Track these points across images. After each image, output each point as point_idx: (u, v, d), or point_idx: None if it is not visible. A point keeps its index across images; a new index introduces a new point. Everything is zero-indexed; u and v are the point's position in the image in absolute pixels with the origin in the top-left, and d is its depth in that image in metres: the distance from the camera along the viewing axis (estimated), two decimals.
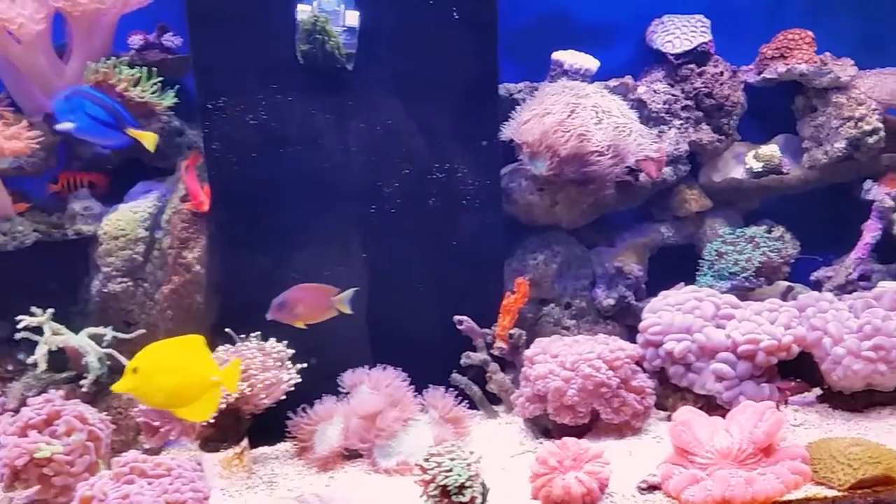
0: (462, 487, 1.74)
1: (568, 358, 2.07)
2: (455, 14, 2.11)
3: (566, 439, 1.90)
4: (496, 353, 2.28)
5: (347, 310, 2.08)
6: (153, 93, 2.17)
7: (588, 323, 2.45)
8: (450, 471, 1.75)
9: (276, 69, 2.09)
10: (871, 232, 2.53)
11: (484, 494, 1.78)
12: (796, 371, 2.16)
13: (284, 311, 2.04)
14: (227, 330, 2.11)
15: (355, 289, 2.09)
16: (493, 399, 2.34)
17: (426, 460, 1.78)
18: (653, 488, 1.86)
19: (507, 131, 2.26)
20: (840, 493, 1.75)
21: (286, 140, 2.14)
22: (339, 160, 2.17)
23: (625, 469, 1.92)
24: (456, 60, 2.19)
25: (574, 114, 2.12)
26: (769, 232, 2.55)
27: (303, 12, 2.01)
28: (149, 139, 2.06)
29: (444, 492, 1.74)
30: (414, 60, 2.16)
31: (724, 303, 2.16)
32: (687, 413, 1.94)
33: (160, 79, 2.21)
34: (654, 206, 2.65)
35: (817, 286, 2.59)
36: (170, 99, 2.20)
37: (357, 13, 2.04)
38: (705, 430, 1.87)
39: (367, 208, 2.21)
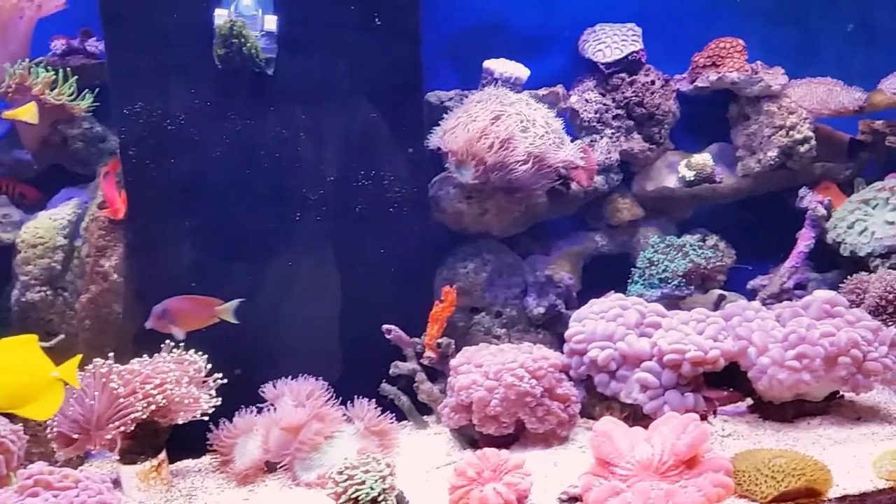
0: (375, 501, 1.71)
1: (491, 367, 2.03)
2: (377, 20, 2.10)
3: (486, 450, 1.87)
4: (426, 362, 2.26)
5: (233, 319, 2.05)
6: (70, 96, 2.13)
7: (519, 332, 2.42)
8: (362, 483, 1.72)
9: (194, 74, 2.06)
10: (805, 241, 2.54)
11: None
12: (729, 380, 2.15)
13: (164, 320, 2.01)
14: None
15: (240, 300, 2.05)
16: (425, 409, 2.31)
17: (339, 473, 1.74)
18: (574, 500, 1.82)
19: (434, 139, 2.25)
20: None
21: (205, 146, 2.10)
22: (260, 167, 2.13)
23: (549, 480, 1.90)
24: (379, 67, 2.17)
25: (499, 122, 2.11)
26: (703, 241, 2.56)
27: (220, 16, 1.98)
28: (26, 111, 2.03)
29: None
30: (336, 66, 2.13)
31: (650, 311, 2.15)
32: (608, 423, 1.91)
33: (76, 80, 2.17)
34: (588, 214, 2.65)
35: (753, 295, 2.59)
36: (87, 102, 2.16)
37: (275, 17, 2.02)
38: (626, 441, 1.84)
39: (291, 215, 2.17)
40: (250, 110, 2.10)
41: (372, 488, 1.70)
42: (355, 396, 2.18)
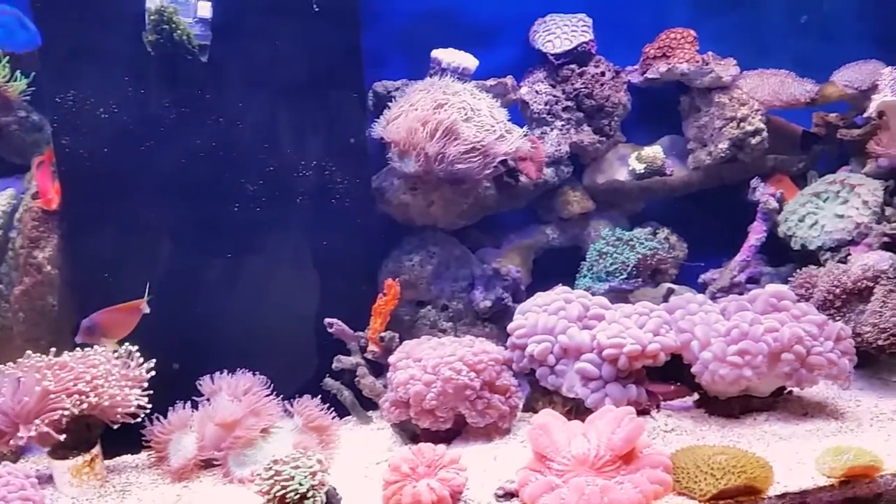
0: (303, 497, 1.68)
1: (430, 362, 2.01)
2: (315, 6, 2.06)
3: (421, 445, 1.84)
4: (370, 356, 2.22)
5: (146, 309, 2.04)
6: (3, 77, 2.09)
7: (466, 325, 2.39)
8: (290, 479, 1.69)
9: (128, 61, 2.01)
10: (756, 234, 2.52)
11: (330, 502, 1.72)
12: (678, 375, 2.13)
13: (94, 335, 1.98)
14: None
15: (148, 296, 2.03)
16: (370, 404, 2.26)
17: (266, 469, 1.71)
18: (510, 495, 1.79)
19: (377, 129, 2.21)
20: None
21: (140, 135, 2.05)
22: (196, 156, 2.09)
23: (488, 475, 1.87)
24: (318, 54, 2.13)
25: (441, 111, 2.07)
26: (654, 234, 2.54)
27: (151, 2, 1.93)
28: None
29: (283, 502, 1.68)
30: (274, 54, 2.10)
31: (594, 304, 2.12)
32: (545, 416, 1.88)
33: (13, 69, 2.13)
34: (540, 207, 2.62)
35: (704, 289, 2.56)
36: (22, 85, 2.12)
37: (209, 4, 1.98)
38: (563, 435, 1.81)
39: (229, 206, 2.13)
40: (185, 98, 2.06)
41: (301, 484, 1.67)
42: (298, 391, 2.15)
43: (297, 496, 1.66)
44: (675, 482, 1.74)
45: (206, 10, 1.97)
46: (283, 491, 1.67)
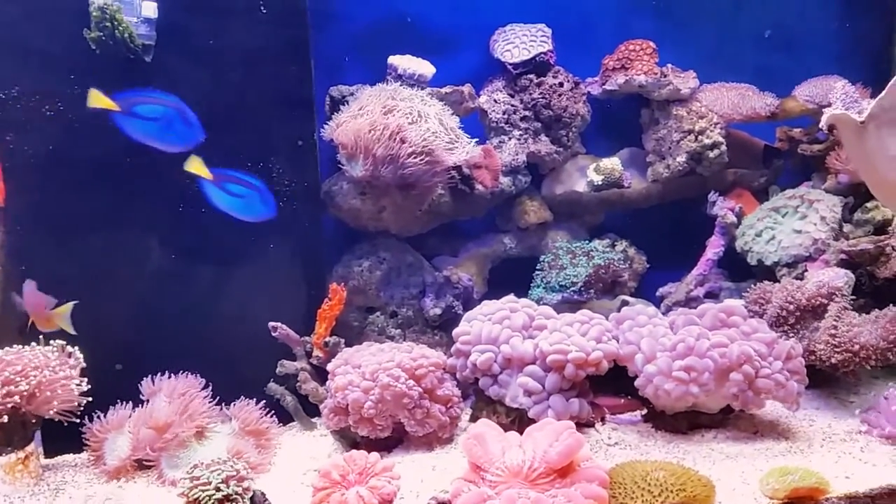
0: (223, 501, 1.65)
1: (368, 367, 1.98)
2: (262, 9, 2.06)
3: (353, 452, 1.80)
4: (315, 361, 2.20)
5: (69, 327, 1.99)
6: None
7: (415, 332, 2.37)
8: (209, 483, 1.66)
9: (72, 59, 2.01)
10: (713, 248, 2.50)
11: None
12: (630, 388, 2.10)
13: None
14: None
15: (74, 302, 1.99)
16: (315, 410, 2.22)
17: (188, 473, 1.68)
18: None
19: (327, 132, 2.20)
20: None
21: (84, 132, 2.04)
22: (142, 155, 2.05)
23: (425, 484, 1.84)
24: (266, 57, 2.13)
25: (389, 116, 2.06)
26: (612, 246, 2.52)
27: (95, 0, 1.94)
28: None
29: None
30: (221, 55, 2.09)
31: (539, 314, 2.10)
32: (482, 426, 1.84)
33: None
34: (498, 216, 2.61)
35: (661, 302, 2.53)
36: None
37: (154, 4, 1.98)
38: (498, 446, 1.77)
39: (173, 206, 2.12)
40: None
41: (218, 489, 1.65)
42: (243, 396, 2.12)
43: (215, 501, 1.64)
44: (611, 498, 1.68)
45: (150, 10, 1.97)
46: (202, 495, 1.64)
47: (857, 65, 2.59)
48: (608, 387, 2.12)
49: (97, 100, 1.88)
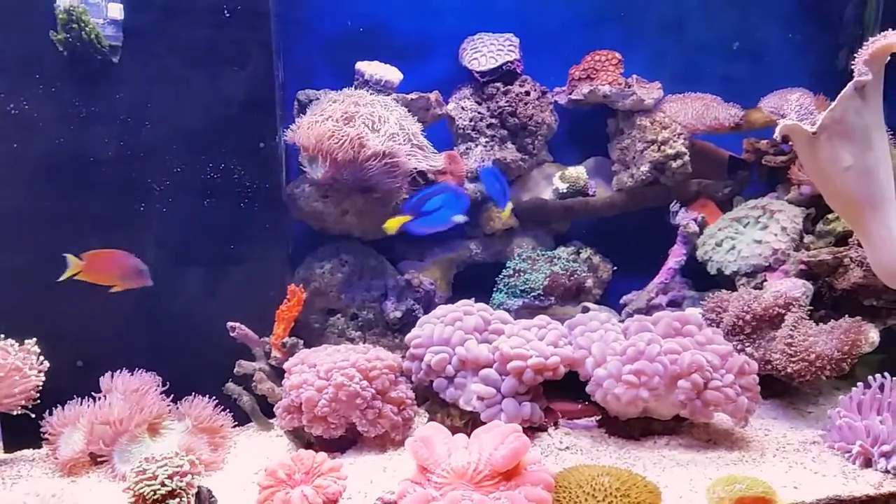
0: (167, 497, 1.67)
1: (323, 367, 2.00)
2: (226, 13, 2.10)
3: (301, 452, 1.82)
4: (273, 362, 2.22)
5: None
6: None
7: (375, 335, 2.39)
8: (154, 478, 1.68)
9: (38, 59, 2.04)
10: (675, 257, 2.51)
11: None
12: (587, 394, 2.10)
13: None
14: None
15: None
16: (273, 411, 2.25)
17: (135, 468, 1.71)
18: None
19: (289, 134, 2.23)
20: None
21: (50, 132, 2.08)
22: (104, 154, 2.11)
23: (374, 485, 1.86)
24: (230, 59, 2.16)
25: (350, 120, 2.09)
26: (577, 254, 2.53)
27: (61, 2, 1.97)
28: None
29: (145, 500, 1.67)
30: (186, 57, 2.13)
31: (495, 318, 2.12)
32: (429, 429, 1.85)
33: None
34: (466, 222, 2.53)
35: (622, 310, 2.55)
36: None
37: (120, 6, 2.02)
38: (444, 448, 1.79)
39: (135, 205, 2.15)
40: (95, 97, 2.09)
41: (163, 484, 1.67)
42: (202, 395, 2.14)
43: (159, 496, 1.67)
44: (555, 501, 1.69)
45: (116, 12, 2.01)
46: (146, 489, 1.67)
47: (825, 77, 2.60)
48: (567, 392, 2.13)
49: (393, 226, 2.14)
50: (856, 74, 1.82)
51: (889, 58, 1.86)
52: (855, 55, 1.82)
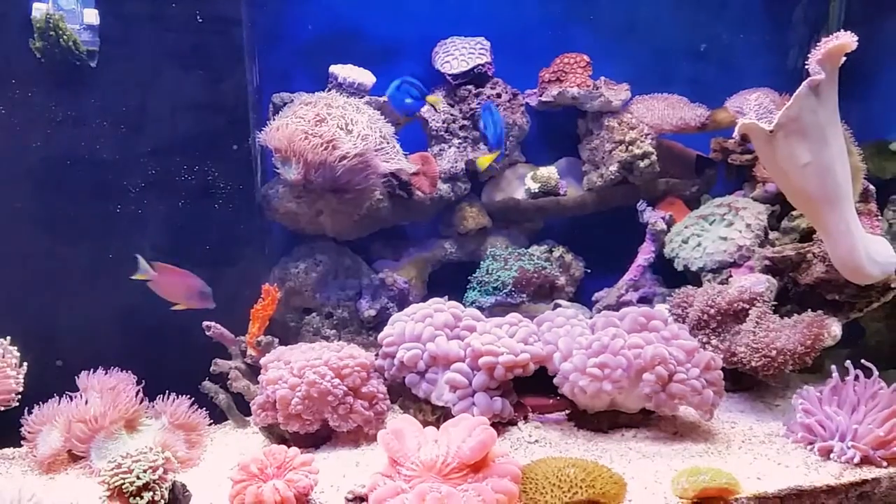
0: (141, 490, 1.71)
1: (296, 364, 2.04)
2: (199, 18, 2.14)
3: (273, 447, 1.86)
4: (249, 360, 2.26)
5: None
6: None
7: (350, 333, 2.43)
8: (129, 472, 1.72)
9: (15, 65, 2.08)
10: (644, 254, 2.56)
11: (177, 498, 1.74)
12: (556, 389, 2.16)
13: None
14: None
15: None
16: (249, 408, 2.27)
17: (111, 462, 1.74)
18: (359, 499, 1.81)
19: (262, 136, 2.27)
20: None
21: (27, 136, 2.12)
22: (81, 156, 2.16)
23: (346, 479, 1.89)
24: (203, 63, 2.20)
25: (322, 122, 2.14)
26: (550, 252, 2.58)
27: (38, 10, 2.02)
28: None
29: (120, 493, 1.71)
30: (160, 61, 2.17)
31: (466, 315, 2.16)
32: (401, 422, 1.89)
33: None
34: (442, 222, 2.68)
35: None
36: None
37: (96, 11, 2.06)
38: (414, 441, 1.83)
39: (111, 207, 2.19)
40: (72, 101, 2.13)
41: (138, 477, 1.71)
42: (179, 394, 2.17)
43: (134, 488, 1.70)
44: (522, 493, 1.73)
45: (92, 17, 2.05)
46: (121, 482, 1.70)
47: (792, 78, 2.65)
48: (540, 387, 2.17)
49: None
50: (810, 73, 1.88)
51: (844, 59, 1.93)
52: (808, 55, 1.88)
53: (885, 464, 1.81)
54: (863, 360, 2.00)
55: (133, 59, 2.15)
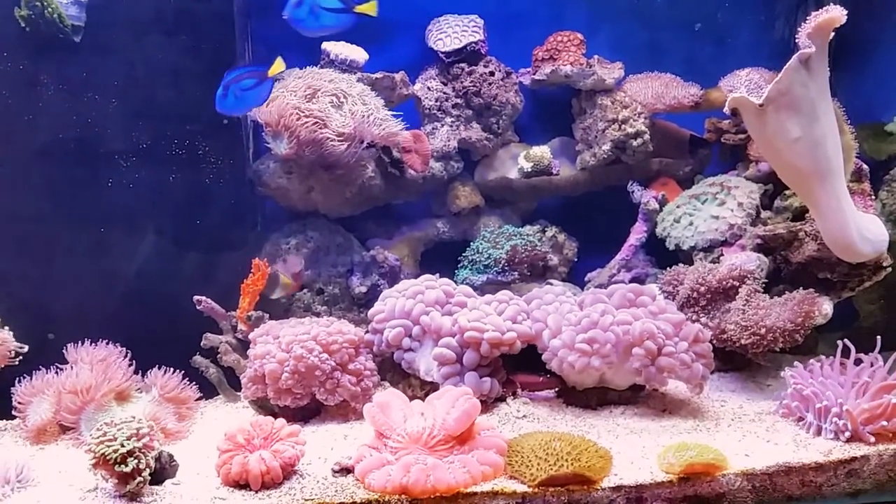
0: (125, 456, 1.71)
1: (285, 339, 2.05)
2: None
3: (260, 418, 1.87)
4: (240, 335, 2.26)
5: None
6: None
7: (341, 310, 2.43)
8: (113, 440, 1.73)
9: (3, 37, 2.08)
10: (636, 234, 2.56)
11: (163, 467, 1.76)
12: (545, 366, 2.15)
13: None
14: None
15: None
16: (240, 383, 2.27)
17: (97, 431, 1.75)
18: (346, 471, 1.82)
19: (253, 111, 2.26)
20: (529, 489, 1.66)
21: (16, 109, 2.12)
22: (70, 131, 2.16)
23: (334, 452, 1.90)
24: (193, 37, 2.20)
25: (312, 97, 2.14)
26: (542, 232, 2.58)
27: None
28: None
29: (105, 460, 1.72)
30: (149, 34, 2.17)
31: (458, 292, 2.16)
32: (387, 395, 1.90)
33: None
34: (433, 201, 2.68)
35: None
36: None
37: None
38: (400, 413, 1.84)
39: (102, 181, 2.20)
40: (59, 75, 2.14)
41: (122, 445, 1.72)
42: (170, 368, 2.17)
43: (118, 456, 1.71)
44: (507, 465, 1.74)
45: None
46: (106, 450, 1.71)
47: (786, 57, 2.63)
48: (531, 365, 2.17)
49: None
50: (800, 47, 1.87)
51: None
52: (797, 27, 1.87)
53: (872, 439, 1.80)
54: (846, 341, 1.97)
55: (122, 31, 2.15)
